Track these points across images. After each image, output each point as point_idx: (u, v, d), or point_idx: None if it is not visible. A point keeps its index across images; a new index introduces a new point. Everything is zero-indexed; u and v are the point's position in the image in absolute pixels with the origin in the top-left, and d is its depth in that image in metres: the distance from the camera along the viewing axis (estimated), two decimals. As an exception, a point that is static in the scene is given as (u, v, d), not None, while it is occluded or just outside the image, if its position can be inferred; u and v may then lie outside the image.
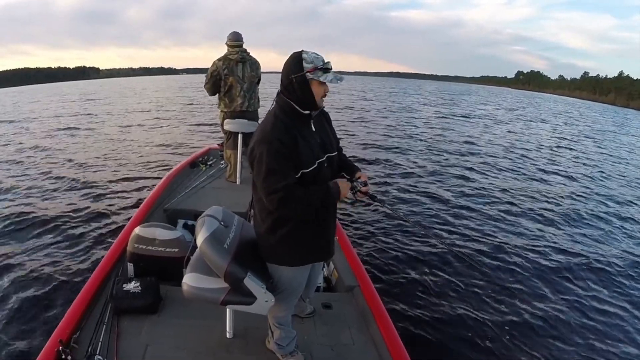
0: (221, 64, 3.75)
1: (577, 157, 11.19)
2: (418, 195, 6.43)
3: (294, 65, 1.44)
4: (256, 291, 1.57)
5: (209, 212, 1.74)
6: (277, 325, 1.80)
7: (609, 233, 5.43)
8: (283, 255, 1.61)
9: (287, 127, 1.46)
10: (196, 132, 11.68)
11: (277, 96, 1.53)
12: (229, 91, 3.83)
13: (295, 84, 1.45)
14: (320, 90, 1.48)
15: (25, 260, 3.72)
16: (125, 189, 6.04)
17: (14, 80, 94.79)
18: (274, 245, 1.59)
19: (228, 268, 1.54)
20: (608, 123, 25.79)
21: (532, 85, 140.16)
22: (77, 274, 3.47)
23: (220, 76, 3.77)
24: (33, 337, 2.64)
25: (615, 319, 3.43)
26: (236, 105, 3.86)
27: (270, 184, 1.42)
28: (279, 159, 1.41)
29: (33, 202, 5.37)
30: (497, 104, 34.50)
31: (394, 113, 19.91)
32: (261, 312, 1.65)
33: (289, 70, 1.46)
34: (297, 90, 1.45)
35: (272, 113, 1.52)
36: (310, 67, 1.42)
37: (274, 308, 1.72)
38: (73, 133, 11.57)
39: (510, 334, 3.08)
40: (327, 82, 1.47)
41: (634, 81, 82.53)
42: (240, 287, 1.56)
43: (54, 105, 21.54)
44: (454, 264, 4.12)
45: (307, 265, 1.69)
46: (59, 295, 3.16)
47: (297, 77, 1.44)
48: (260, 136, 1.45)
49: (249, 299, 1.58)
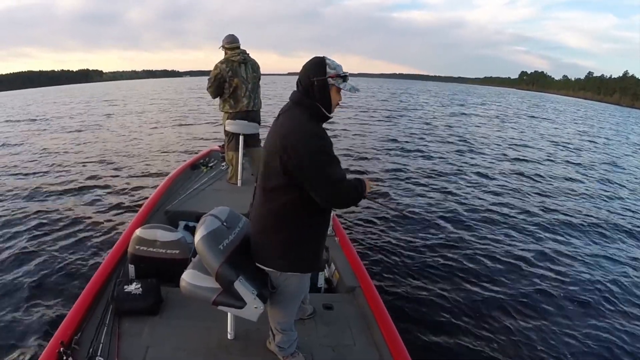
0: (224, 66, 3.76)
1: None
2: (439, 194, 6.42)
3: (317, 67, 1.46)
4: (246, 296, 1.56)
5: (214, 211, 1.73)
6: (280, 330, 1.79)
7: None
8: (296, 261, 1.59)
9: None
10: (197, 134, 11.72)
11: (296, 98, 1.52)
12: (234, 92, 3.85)
13: (316, 86, 1.46)
14: (337, 98, 1.52)
15: (26, 262, 3.74)
16: (127, 190, 6.07)
17: (16, 83, 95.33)
18: (288, 252, 1.56)
19: (219, 269, 1.54)
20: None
21: (537, 86, 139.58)
22: (78, 276, 3.49)
23: (225, 79, 3.79)
24: (34, 338, 2.65)
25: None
26: (242, 106, 3.89)
27: (336, 172, 1.44)
28: (334, 152, 1.47)
29: (34, 203, 5.41)
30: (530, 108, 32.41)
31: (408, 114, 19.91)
32: (251, 318, 1.63)
33: (310, 72, 1.47)
34: (317, 93, 1.47)
35: (300, 113, 1.50)
36: (333, 72, 1.46)
37: (278, 314, 1.73)
38: (74, 134, 11.67)
39: (511, 333, 3.06)
40: (345, 90, 1.51)
41: (638, 81, 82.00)
42: (231, 289, 1.56)
43: (59, 108, 21.69)
44: (455, 264, 4.11)
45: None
46: (60, 297, 3.17)
47: (319, 80, 1.46)
48: (309, 132, 1.44)
49: (239, 302, 1.58)
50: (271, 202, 1.53)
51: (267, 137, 1.58)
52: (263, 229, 1.60)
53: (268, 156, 1.52)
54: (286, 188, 1.48)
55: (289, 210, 1.52)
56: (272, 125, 1.58)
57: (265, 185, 1.53)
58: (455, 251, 4.42)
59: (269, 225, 1.57)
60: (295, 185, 1.46)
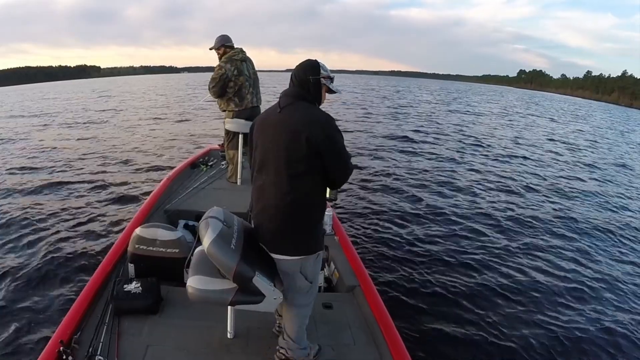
0: (229, 66, 3.75)
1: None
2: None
3: (313, 68, 1.65)
4: (265, 289, 1.57)
5: (211, 213, 1.72)
6: (305, 322, 1.78)
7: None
8: (319, 241, 1.70)
9: None
10: (197, 133, 11.68)
11: (297, 93, 1.64)
12: (240, 91, 3.85)
13: (312, 84, 1.64)
14: (325, 97, 1.72)
15: (26, 260, 3.73)
16: (126, 189, 6.05)
17: (13, 79, 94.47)
18: (313, 234, 1.67)
19: (237, 268, 1.52)
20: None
21: (535, 84, 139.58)
22: (78, 275, 3.48)
23: (230, 78, 3.78)
24: (34, 337, 2.65)
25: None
26: (247, 102, 3.91)
27: (348, 156, 1.67)
28: None
29: (34, 203, 5.38)
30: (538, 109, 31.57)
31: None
32: (269, 310, 1.68)
33: (307, 71, 1.65)
34: (311, 89, 1.65)
35: (308, 104, 1.64)
36: (325, 74, 1.67)
37: (307, 309, 1.77)
38: (74, 132, 11.61)
39: (511, 333, 3.07)
40: (332, 89, 1.72)
41: (637, 80, 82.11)
42: (249, 286, 1.55)
43: (57, 103, 21.58)
44: (455, 263, 4.13)
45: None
46: (59, 296, 3.17)
47: (314, 78, 1.64)
48: (327, 116, 1.61)
49: (258, 297, 1.58)
50: (297, 189, 1.58)
51: (269, 130, 1.63)
52: (289, 217, 1.60)
53: (290, 144, 1.55)
54: (312, 172, 1.58)
55: (313, 194, 1.63)
56: (270, 119, 1.66)
57: (291, 172, 1.56)
58: (455, 250, 4.43)
59: (297, 212, 1.60)
60: (318, 167, 1.58)
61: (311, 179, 1.59)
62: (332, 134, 1.57)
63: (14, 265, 3.63)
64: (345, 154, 1.63)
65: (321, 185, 1.65)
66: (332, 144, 1.56)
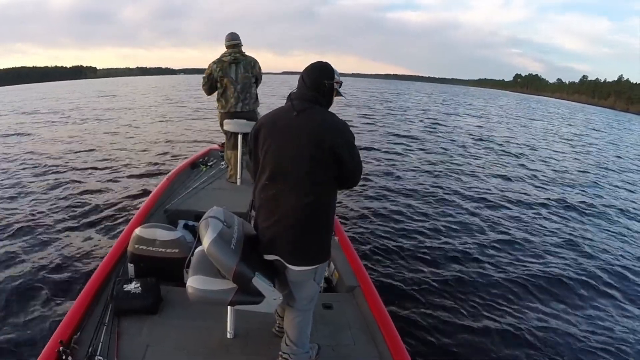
0: (215, 66, 3.79)
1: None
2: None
3: (328, 72, 1.63)
4: (264, 290, 1.57)
5: (211, 213, 1.72)
6: (308, 327, 1.77)
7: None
8: (329, 248, 1.68)
9: None
10: (197, 133, 11.65)
11: (312, 97, 1.60)
12: (225, 92, 3.87)
13: (327, 89, 1.62)
14: (333, 101, 1.70)
15: (25, 261, 3.70)
16: (126, 189, 6.03)
17: (7, 78, 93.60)
18: (327, 241, 1.65)
19: (237, 268, 1.52)
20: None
21: (530, 89, 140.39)
22: (77, 275, 3.47)
23: (216, 78, 3.81)
24: (33, 337, 2.63)
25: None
26: (230, 106, 3.90)
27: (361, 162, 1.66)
28: None
29: (33, 203, 5.34)
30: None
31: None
32: (268, 311, 1.67)
33: (323, 74, 1.62)
34: (326, 94, 1.63)
35: (324, 109, 1.63)
36: (337, 79, 1.66)
37: (310, 312, 1.76)
38: (74, 132, 11.53)
39: (511, 333, 3.09)
40: (340, 94, 1.71)
41: (633, 85, 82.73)
42: (249, 287, 1.55)
43: (54, 104, 21.44)
44: (455, 263, 4.14)
45: None
46: (59, 296, 3.15)
47: (329, 82, 1.62)
48: (344, 123, 1.61)
49: (258, 298, 1.58)
50: (319, 197, 1.56)
51: (285, 135, 1.56)
52: (309, 226, 1.57)
53: (313, 151, 1.51)
54: (332, 179, 1.58)
55: (331, 200, 1.64)
56: (284, 123, 1.58)
57: (314, 179, 1.54)
58: (455, 250, 4.45)
59: (318, 220, 1.58)
60: (336, 174, 1.57)
61: (331, 186, 1.60)
62: (351, 141, 1.58)
63: (13, 265, 3.61)
64: (360, 159, 1.63)
65: (336, 191, 1.66)
66: (351, 150, 1.56)
